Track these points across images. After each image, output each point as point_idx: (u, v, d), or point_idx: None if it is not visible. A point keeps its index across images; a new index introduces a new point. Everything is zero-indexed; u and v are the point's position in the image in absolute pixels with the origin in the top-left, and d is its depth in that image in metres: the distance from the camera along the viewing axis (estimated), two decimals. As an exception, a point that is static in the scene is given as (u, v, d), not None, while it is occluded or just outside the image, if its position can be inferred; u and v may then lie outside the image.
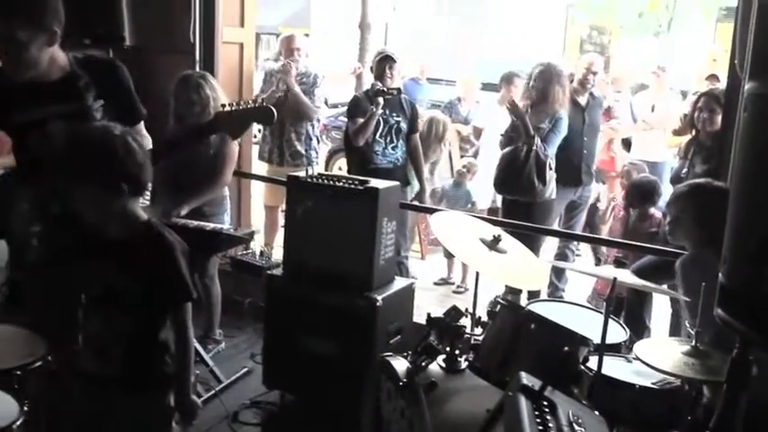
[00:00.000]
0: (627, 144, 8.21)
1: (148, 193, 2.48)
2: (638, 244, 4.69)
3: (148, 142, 2.91)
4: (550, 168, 5.15)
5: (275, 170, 6.00)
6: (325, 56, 10.69)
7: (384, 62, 5.42)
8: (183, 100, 4.39)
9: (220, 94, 4.47)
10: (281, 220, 6.33)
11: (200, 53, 5.18)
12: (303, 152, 5.93)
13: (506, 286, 4.58)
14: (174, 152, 3.28)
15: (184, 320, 2.39)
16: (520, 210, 5.14)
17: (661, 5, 18.03)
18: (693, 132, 4.59)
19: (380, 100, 5.15)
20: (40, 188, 2.75)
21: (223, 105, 2.87)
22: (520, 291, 4.42)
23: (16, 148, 2.89)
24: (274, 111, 2.86)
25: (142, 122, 2.98)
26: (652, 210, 5.12)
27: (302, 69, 5.95)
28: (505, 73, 7.21)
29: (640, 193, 5.15)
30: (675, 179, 4.63)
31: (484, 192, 7.44)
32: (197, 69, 5.00)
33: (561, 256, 5.92)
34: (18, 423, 2.42)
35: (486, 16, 19.51)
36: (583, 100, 5.65)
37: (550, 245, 6.06)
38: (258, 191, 6.28)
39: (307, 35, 15.34)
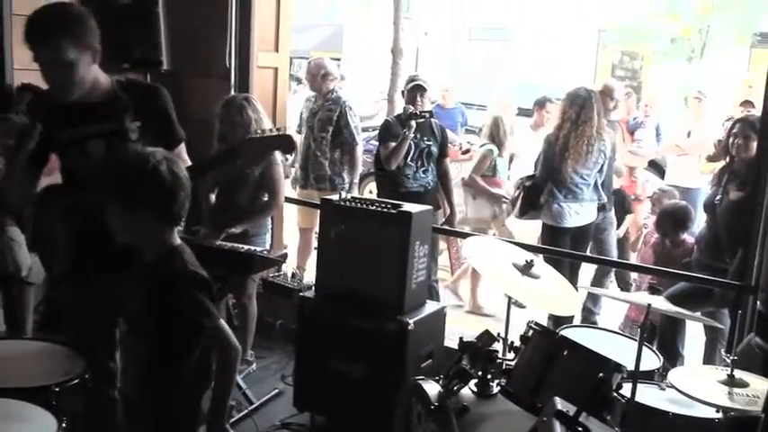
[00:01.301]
0: (659, 169, 8.18)
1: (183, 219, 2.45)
2: (672, 271, 4.65)
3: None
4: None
5: (300, 192, 6.09)
6: (356, 80, 10.76)
7: (415, 91, 5.45)
8: (227, 122, 4.46)
9: (263, 116, 4.55)
10: (314, 242, 6.40)
11: (235, 77, 5.25)
12: (327, 177, 5.99)
13: (551, 315, 4.59)
14: (203, 174, 3.30)
15: (217, 348, 2.32)
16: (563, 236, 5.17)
17: (694, 31, 17.92)
18: (727, 159, 4.55)
19: (413, 123, 5.18)
20: (77, 205, 2.80)
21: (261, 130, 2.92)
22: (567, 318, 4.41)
23: (61, 167, 2.95)
24: (295, 140, 2.89)
25: (183, 145, 3.01)
26: (684, 236, 5.08)
27: (333, 96, 6.05)
28: (539, 98, 7.24)
29: (673, 220, 5.11)
30: (709, 206, 4.60)
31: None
32: (232, 93, 5.07)
33: (597, 280, 5.89)
34: (56, 439, 2.45)
35: (517, 41, 19.54)
36: None
37: (586, 269, 6.02)
38: (290, 212, 6.34)
39: (338, 60, 15.48)
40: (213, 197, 4.58)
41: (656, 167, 8.54)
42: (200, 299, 2.30)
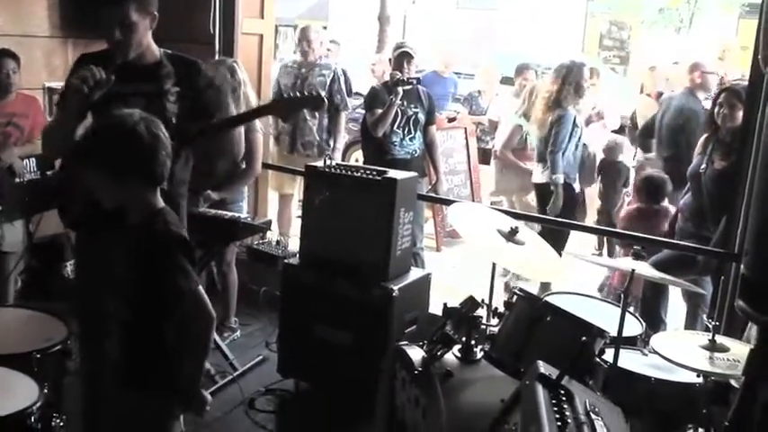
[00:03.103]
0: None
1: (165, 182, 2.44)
2: (657, 238, 4.67)
3: None
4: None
5: (286, 157, 6.06)
6: (343, 48, 10.66)
7: (402, 57, 5.40)
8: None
9: (248, 82, 4.55)
10: (294, 209, 6.40)
11: (219, 44, 5.19)
12: (316, 143, 5.99)
13: (541, 284, 4.60)
14: (233, 127, 3.40)
15: (193, 314, 2.30)
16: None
17: (682, 0, 17.89)
18: (713, 128, 4.55)
19: (400, 90, 5.15)
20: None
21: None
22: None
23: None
24: (325, 99, 3.12)
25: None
26: (663, 205, 5.12)
27: (322, 62, 5.99)
28: (519, 64, 7.26)
29: (648, 189, 5.16)
30: (694, 175, 4.60)
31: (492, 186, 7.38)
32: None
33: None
34: (38, 405, 2.45)
35: (505, 10, 19.43)
36: None
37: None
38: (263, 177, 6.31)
39: (325, 27, 15.33)
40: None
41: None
42: (182, 262, 2.28)
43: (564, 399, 1.81)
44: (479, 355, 2.99)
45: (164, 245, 2.29)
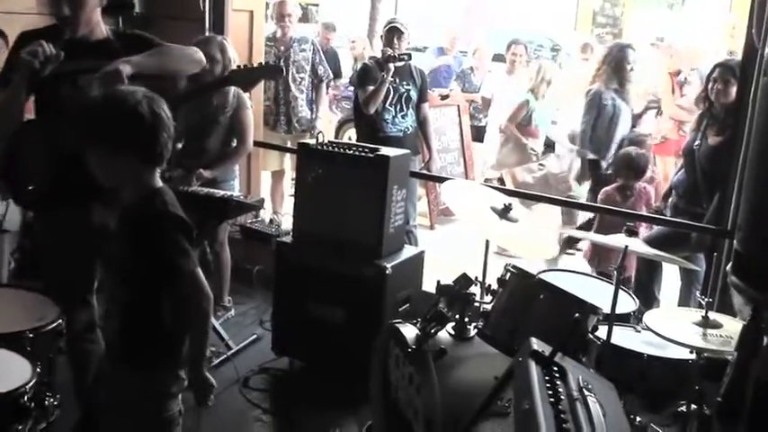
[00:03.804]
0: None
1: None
2: (650, 215, 4.68)
3: None
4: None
5: (282, 138, 6.06)
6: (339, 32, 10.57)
7: (392, 33, 5.36)
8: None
9: (238, 60, 4.52)
10: (286, 186, 6.40)
11: (210, 20, 5.15)
12: (308, 118, 6.12)
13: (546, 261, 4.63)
14: (187, 100, 3.44)
15: (190, 295, 2.27)
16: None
17: (676, -23, 17.80)
18: (707, 104, 4.53)
19: (391, 66, 5.12)
20: (60, 137, 2.89)
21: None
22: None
23: (42, 103, 3.04)
24: (283, 68, 3.01)
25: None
26: (641, 184, 5.06)
27: (298, 35, 6.08)
28: (510, 40, 7.36)
29: (627, 165, 5.10)
30: (687, 151, 4.59)
31: (492, 159, 7.44)
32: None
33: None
34: (31, 384, 2.45)
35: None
36: None
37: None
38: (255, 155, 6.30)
39: (316, 5, 15.20)
40: (180, 144, 4.50)
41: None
42: (181, 241, 2.26)
43: (557, 375, 1.81)
44: (473, 332, 3.00)
45: (163, 224, 2.26)
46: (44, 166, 3.00)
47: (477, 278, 3.09)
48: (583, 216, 5.82)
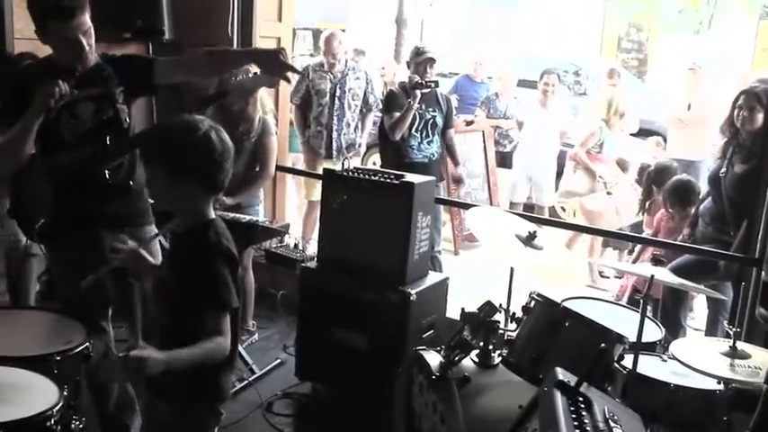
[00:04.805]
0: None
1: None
2: (677, 243, 4.65)
3: None
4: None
5: (325, 164, 6.09)
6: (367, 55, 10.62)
7: (425, 63, 5.32)
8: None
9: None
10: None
11: (237, 47, 5.21)
12: (357, 143, 6.27)
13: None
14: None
15: (214, 332, 2.23)
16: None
17: (702, 2, 17.75)
18: (733, 131, 4.51)
19: (418, 93, 5.14)
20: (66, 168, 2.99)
21: None
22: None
23: (42, 131, 2.97)
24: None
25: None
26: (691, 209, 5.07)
27: (350, 65, 6.20)
28: (544, 70, 7.41)
29: (679, 195, 5.10)
30: (714, 179, 4.56)
31: (519, 185, 7.46)
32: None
33: None
34: (58, 407, 2.46)
35: (522, 12, 19.36)
36: None
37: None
38: (292, 184, 6.35)
39: (343, 30, 15.35)
40: None
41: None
42: (228, 277, 2.26)
43: (582, 406, 1.81)
44: (497, 360, 2.99)
45: (214, 257, 2.26)
46: (49, 200, 3.07)
47: (501, 305, 3.09)
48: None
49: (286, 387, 4.22)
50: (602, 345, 2.62)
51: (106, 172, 3.02)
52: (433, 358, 2.90)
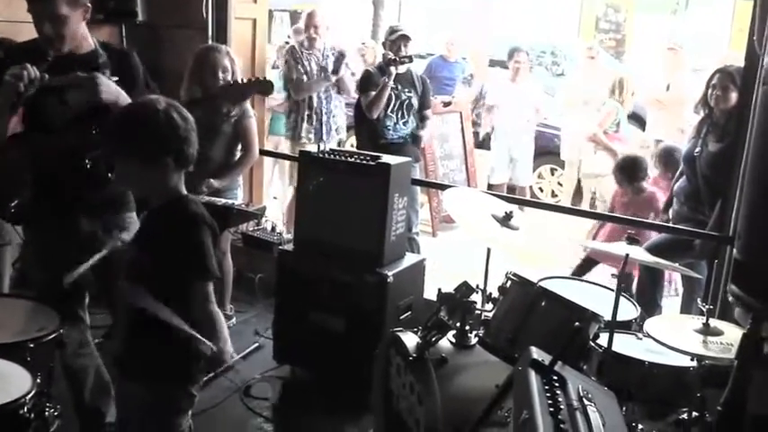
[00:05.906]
0: (640, 121, 8.15)
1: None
2: (652, 222, 4.67)
3: None
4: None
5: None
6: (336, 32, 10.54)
7: (399, 41, 5.33)
8: (209, 66, 4.34)
9: (240, 70, 4.55)
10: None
11: (212, 29, 5.14)
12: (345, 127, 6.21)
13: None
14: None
15: (204, 301, 2.27)
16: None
17: (678, -18, 17.78)
18: (707, 110, 4.52)
19: (393, 70, 5.13)
20: (50, 152, 2.94)
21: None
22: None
23: (30, 118, 3.00)
24: (273, 83, 3.25)
25: None
26: (644, 184, 5.19)
27: (327, 45, 5.99)
28: (511, 48, 7.40)
29: (627, 171, 5.16)
30: (688, 158, 4.58)
31: (499, 167, 7.46)
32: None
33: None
34: (31, 395, 2.44)
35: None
36: None
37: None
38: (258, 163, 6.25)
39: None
40: None
41: (638, 119, 8.53)
42: (210, 245, 2.27)
43: (557, 385, 1.81)
44: (474, 340, 2.99)
45: (198, 225, 2.27)
46: (28, 181, 3.02)
47: (478, 286, 3.10)
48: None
49: (264, 370, 4.22)
50: (577, 323, 2.63)
51: (87, 161, 2.98)
52: (410, 339, 2.90)
